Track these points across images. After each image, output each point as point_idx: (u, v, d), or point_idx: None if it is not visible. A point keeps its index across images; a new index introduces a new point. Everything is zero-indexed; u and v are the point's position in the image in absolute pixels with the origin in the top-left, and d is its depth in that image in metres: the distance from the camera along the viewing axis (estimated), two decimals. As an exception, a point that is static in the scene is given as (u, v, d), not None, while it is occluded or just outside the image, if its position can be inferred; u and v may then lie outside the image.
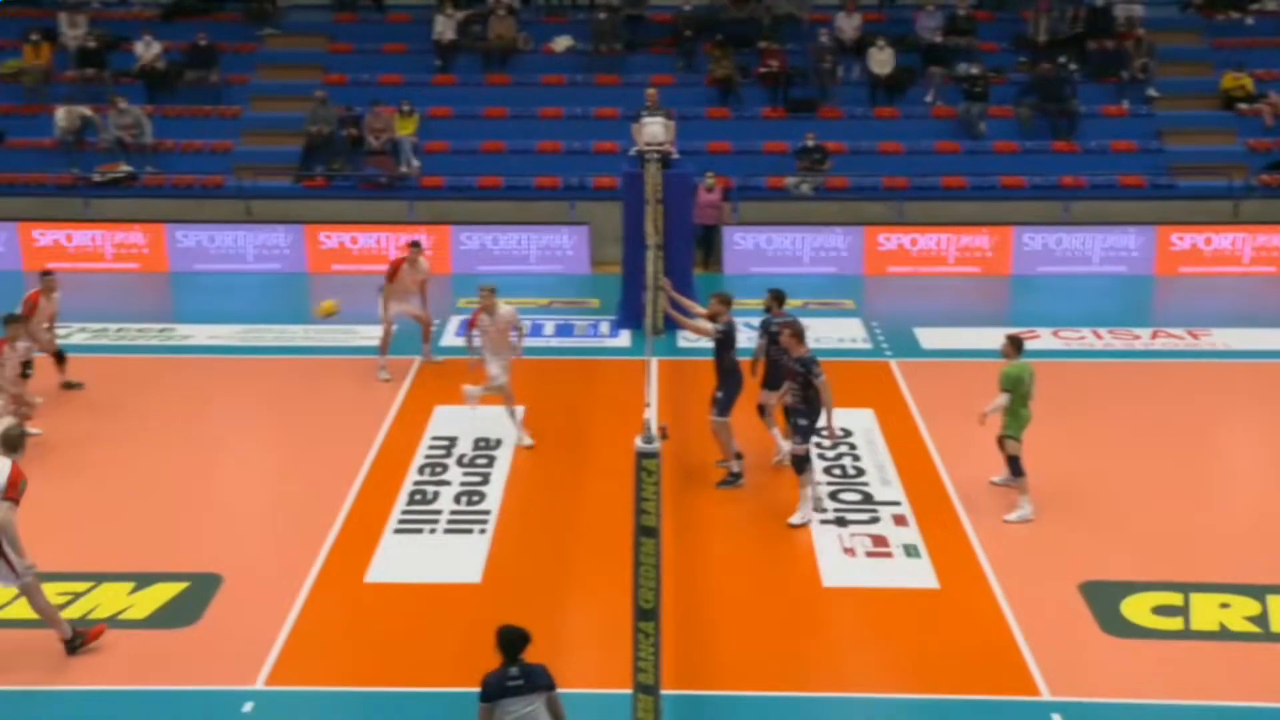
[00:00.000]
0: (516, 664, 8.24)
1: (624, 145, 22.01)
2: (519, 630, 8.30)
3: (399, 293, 17.42)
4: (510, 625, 8.33)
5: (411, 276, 17.49)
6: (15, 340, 14.93)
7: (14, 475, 10.44)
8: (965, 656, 10.83)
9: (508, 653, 8.25)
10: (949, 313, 21.13)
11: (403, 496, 13.75)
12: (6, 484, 10.36)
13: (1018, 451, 13.25)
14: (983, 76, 25.65)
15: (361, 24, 28.64)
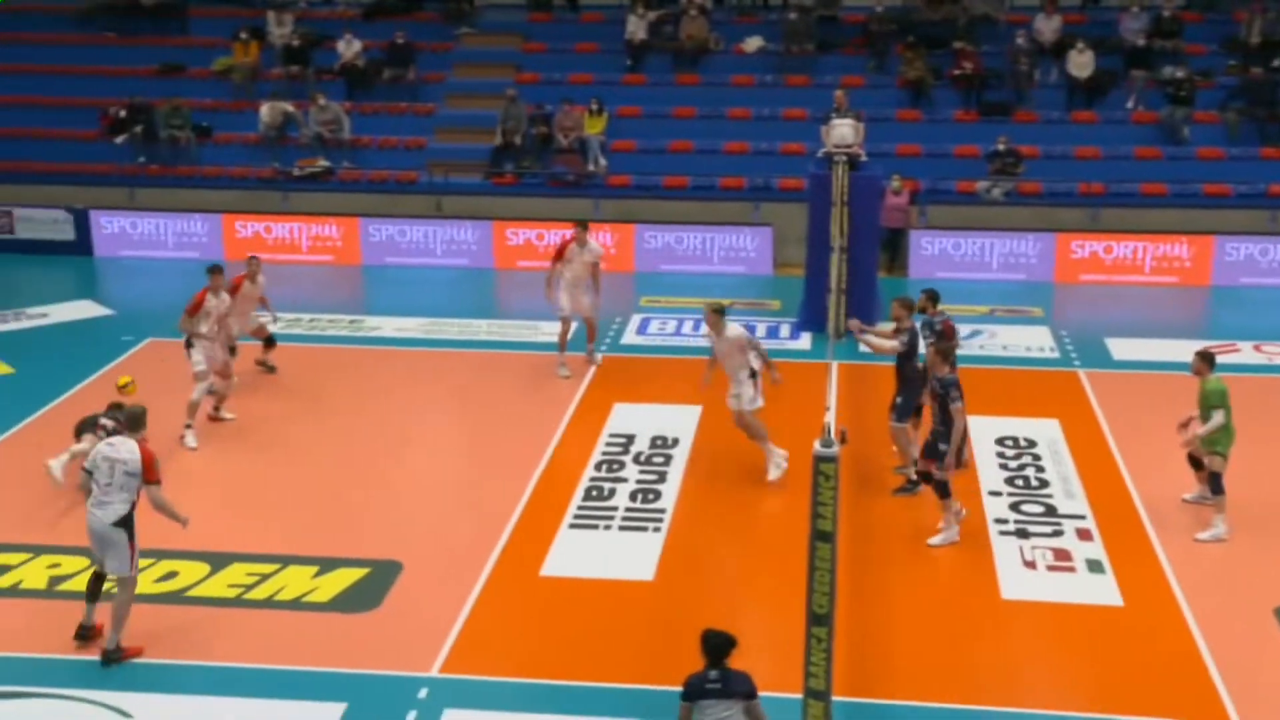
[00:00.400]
0: (718, 668, 8.26)
1: (811, 147, 21.87)
2: (723, 635, 8.33)
3: (571, 281, 17.28)
4: (715, 630, 8.36)
5: (580, 259, 17.30)
6: (218, 290, 15.49)
7: (147, 458, 10.69)
8: (1149, 678, 10.47)
9: (711, 657, 8.29)
10: (1143, 323, 20.42)
11: (579, 492, 13.88)
12: (144, 469, 10.62)
13: (1222, 469, 12.73)
14: (1188, 80, 24.74)
15: (555, 23, 29.00)
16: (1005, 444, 15.12)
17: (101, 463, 10.71)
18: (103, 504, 10.60)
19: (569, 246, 17.36)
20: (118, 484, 10.59)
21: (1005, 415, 15.89)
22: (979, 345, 18.88)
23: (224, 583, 11.93)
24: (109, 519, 10.56)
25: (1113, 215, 23.32)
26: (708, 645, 8.30)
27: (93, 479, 10.82)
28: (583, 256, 17.32)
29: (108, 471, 10.63)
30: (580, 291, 17.40)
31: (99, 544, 10.69)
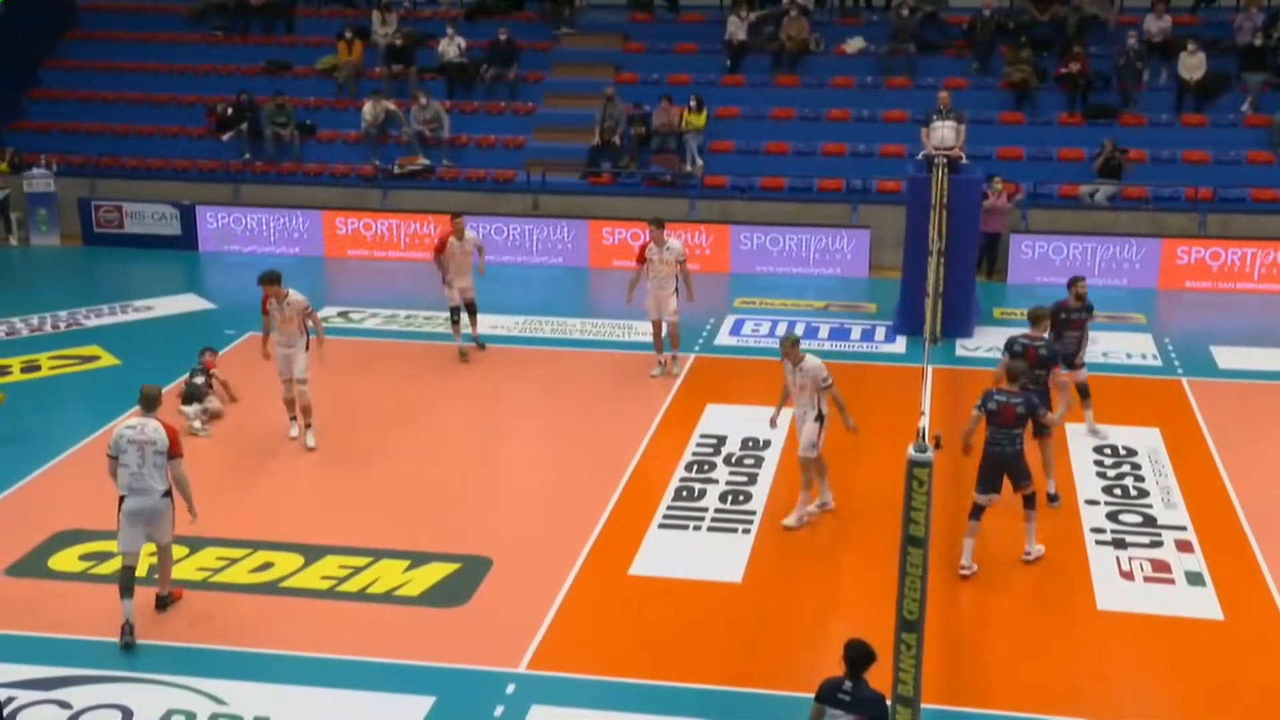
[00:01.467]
0: (854, 679, 8.25)
1: (911, 149, 21.65)
2: (864, 647, 8.29)
3: (656, 284, 17.13)
4: (859, 640, 8.32)
5: (661, 259, 17.09)
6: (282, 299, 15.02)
7: (172, 434, 11.04)
8: (1252, 694, 10.22)
9: (849, 667, 8.29)
10: (1251, 332, 19.93)
11: (669, 492, 13.87)
12: (170, 444, 10.96)
13: None
14: None
15: (655, 24, 29.02)
16: (1104, 452, 14.85)
17: (128, 446, 10.92)
18: (145, 488, 10.92)
19: (647, 247, 17.24)
20: (150, 464, 10.91)
21: (1104, 423, 15.59)
22: (1079, 351, 18.55)
23: (318, 574, 12.09)
24: (158, 492, 10.97)
25: (1220, 221, 22.81)
26: (848, 654, 8.29)
27: (119, 463, 10.98)
28: (663, 256, 17.11)
29: (137, 456, 10.89)
30: (666, 294, 17.18)
31: (148, 521, 10.99)
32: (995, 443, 12.04)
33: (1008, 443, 12.00)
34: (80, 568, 12.26)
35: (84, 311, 20.56)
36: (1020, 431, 12.06)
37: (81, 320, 20.16)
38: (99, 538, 12.64)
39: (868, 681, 8.24)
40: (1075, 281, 14.96)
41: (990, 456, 12.11)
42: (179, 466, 11.06)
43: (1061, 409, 13.58)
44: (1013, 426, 11.98)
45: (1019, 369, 12.46)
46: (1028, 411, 12.02)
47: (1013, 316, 20.35)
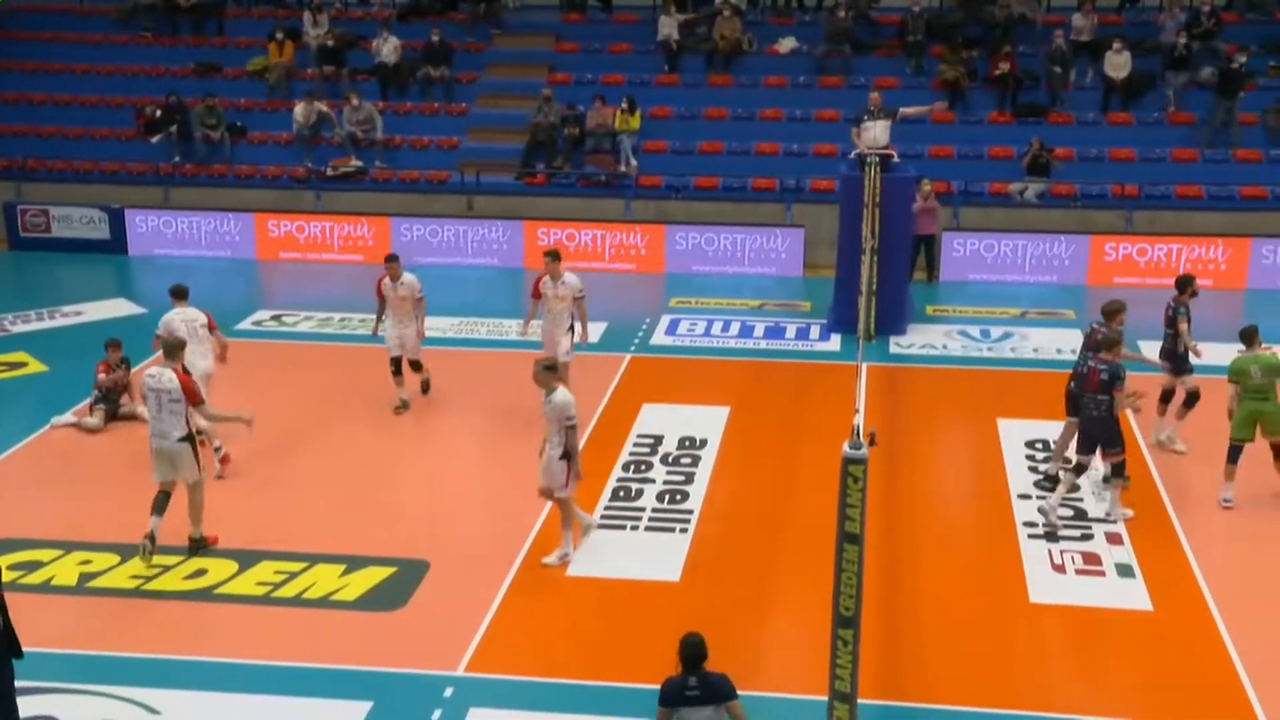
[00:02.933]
0: (697, 674, 8.24)
1: (843, 148, 21.80)
2: (698, 642, 8.28)
3: (550, 320, 15.78)
4: (693, 635, 8.32)
5: (555, 294, 15.69)
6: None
7: (185, 384, 12.10)
8: (1179, 684, 10.38)
9: (687, 663, 8.27)
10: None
11: (606, 492, 13.88)
12: (187, 395, 12.04)
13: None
14: (1240, 71, 24.18)
15: (588, 24, 29.04)
16: (1035, 447, 15.03)
17: (149, 394, 12.15)
18: (162, 432, 12.09)
19: (542, 281, 15.71)
20: (167, 410, 12.04)
21: (1035, 418, 15.80)
22: (1010, 348, 18.80)
23: (253, 580, 11.98)
24: (174, 437, 12.05)
25: (1147, 218, 23.16)
26: (685, 652, 8.27)
27: (145, 405, 12.35)
28: (557, 291, 15.59)
29: (156, 403, 12.08)
30: (559, 332, 15.66)
31: (168, 461, 12.14)
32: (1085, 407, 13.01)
33: (1094, 408, 12.85)
34: (9, 577, 12.04)
35: (10, 318, 20.24)
36: (1105, 399, 12.76)
37: (8, 326, 19.84)
38: (30, 546, 12.47)
39: (708, 670, 8.25)
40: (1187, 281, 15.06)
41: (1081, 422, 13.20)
42: (204, 411, 12.37)
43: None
44: (1097, 393, 12.78)
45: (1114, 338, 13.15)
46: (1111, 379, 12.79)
47: (945, 314, 20.58)
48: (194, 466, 12.21)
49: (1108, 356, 12.95)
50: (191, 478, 12.25)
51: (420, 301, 16.10)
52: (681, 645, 8.31)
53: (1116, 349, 13.04)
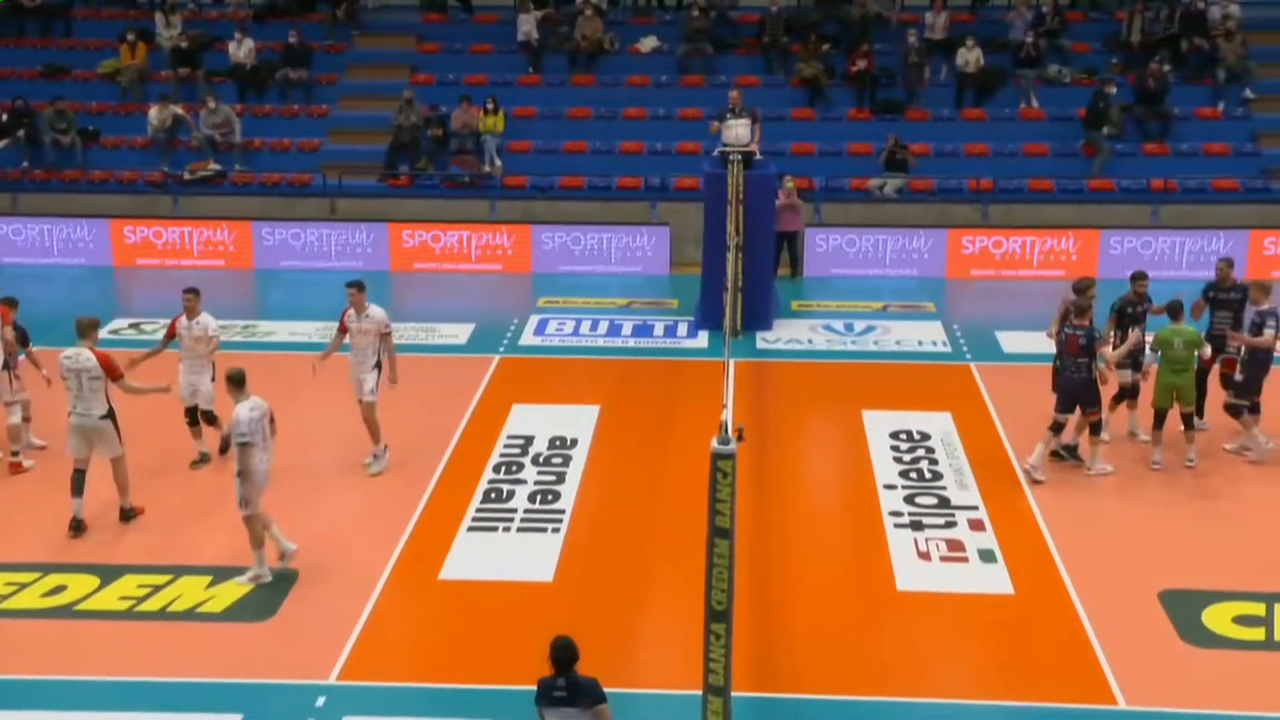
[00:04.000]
0: (566, 675, 8.27)
1: (707, 146, 21.98)
2: (566, 645, 8.33)
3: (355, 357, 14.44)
4: (561, 638, 8.36)
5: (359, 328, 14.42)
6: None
7: (103, 360, 12.68)
8: (1040, 664, 10.68)
9: (556, 665, 8.31)
10: (1032, 317, 20.77)
11: (478, 495, 13.83)
12: (106, 370, 12.65)
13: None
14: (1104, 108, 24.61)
15: (449, 24, 28.87)
16: (900, 438, 15.33)
17: (68, 374, 12.62)
18: (84, 410, 12.67)
19: (347, 314, 14.48)
20: (88, 389, 12.63)
21: (899, 409, 16.13)
22: (873, 341, 19.14)
23: (115, 595, 11.70)
24: (96, 415, 12.68)
25: (1002, 211, 23.76)
26: (553, 655, 8.32)
27: (66, 386, 12.70)
28: (361, 325, 14.34)
29: (76, 381, 12.61)
30: (363, 370, 14.40)
31: (89, 437, 12.71)
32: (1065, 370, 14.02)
33: (1074, 370, 13.80)
34: None
35: None
36: (1085, 360, 13.75)
37: None
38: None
39: (577, 672, 8.31)
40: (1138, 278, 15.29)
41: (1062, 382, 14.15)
42: (124, 385, 12.92)
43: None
44: (1077, 356, 13.75)
45: (1084, 305, 14.07)
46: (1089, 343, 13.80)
47: (810, 309, 20.88)
48: (116, 442, 12.84)
49: (1081, 322, 13.82)
50: (114, 453, 12.86)
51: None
52: (551, 648, 8.33)
53: (1087, 314, 13.90)
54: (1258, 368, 14.44)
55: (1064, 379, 14.15)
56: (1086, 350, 13.82)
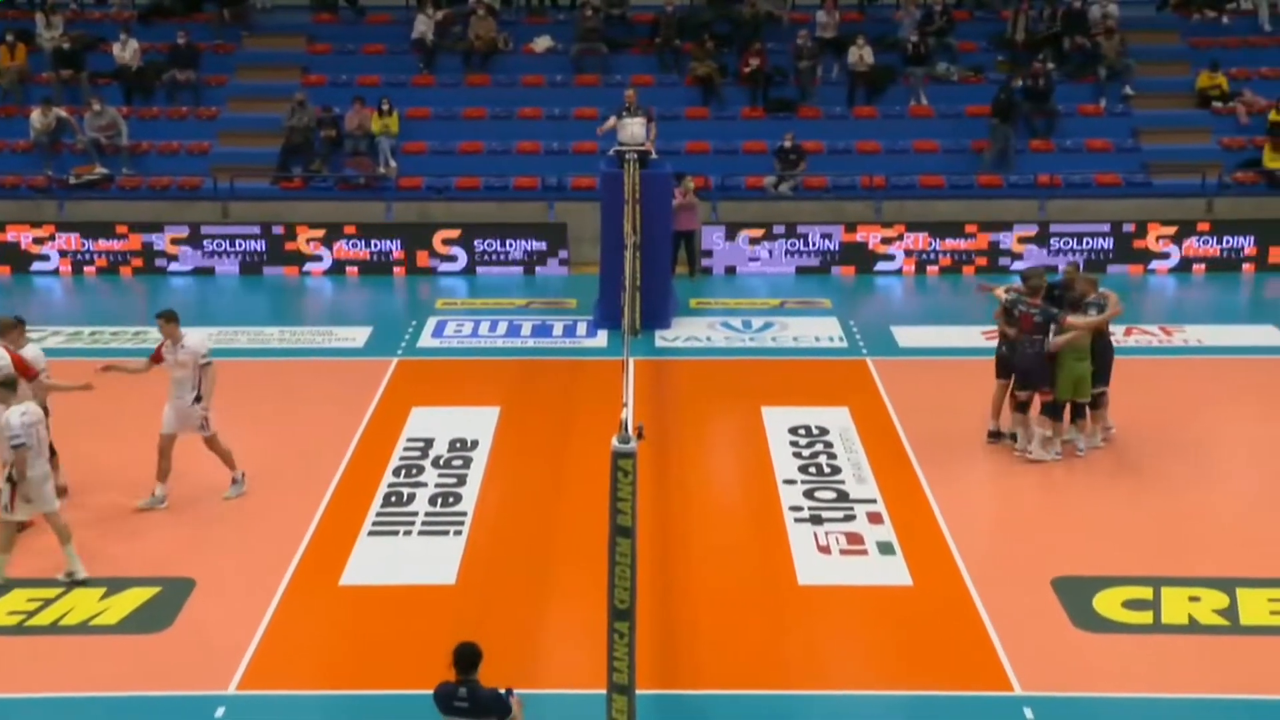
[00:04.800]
0: (468, 685, 8.18)
1: (603, 146, 22.02)
2: (468, 647, 8.26)
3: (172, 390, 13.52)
4: (465, 642, 8.30)
5: (175, 359, 13.46)
6: None
7: (15, 360, 12.51)
8: (938, 652, 10.86)
9: (459, 670, 8.22)
10: (925, 311, 21.20)
11: (378, 499, 13.72)
12: (18, 370, 12.40)
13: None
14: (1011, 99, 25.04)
15: (341, 24, 28.60)
16: (798, 433, 15.48)
17: None
18: None
19: (163, 346, 13.53)
20: None
21: (798, 405, 16.30)
22: (771, 338, 19.32)
23: (3, 610, 11.42)
24: None
25: (894, 207, 24.10)
26: (456, 658, 8.21)
27: None
28: (178, 356, 13.39)
29: None
30: (184, 404, 13.48)
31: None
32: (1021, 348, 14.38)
33: (1030, 347, 14.26)
34: None
35: None
36: (1040, 338, 14.15)
37: None
38: None
39: (479, 681, 8.23)
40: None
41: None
42: (43, 383, 12.85)
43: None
44: (1032, 333, 14.21)
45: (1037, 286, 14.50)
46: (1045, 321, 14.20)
47: (708, 306, 21.01)
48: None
49: (1036, 301, 14.20)
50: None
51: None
52: (455, 654, 8.24)
53: (1038, 294, 14.34)
54: (1102, 357, 14.71)
55: (1021, 357, 14.39)
56: (1041, 328, 14.16)
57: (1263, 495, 14.15)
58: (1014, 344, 14.59)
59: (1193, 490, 14.04)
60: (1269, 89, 25.96)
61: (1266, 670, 10.51)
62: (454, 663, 8.23)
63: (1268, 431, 15.77)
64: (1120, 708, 10.07)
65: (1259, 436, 15.69)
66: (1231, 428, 16.04)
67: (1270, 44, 27.64)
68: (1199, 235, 23.09)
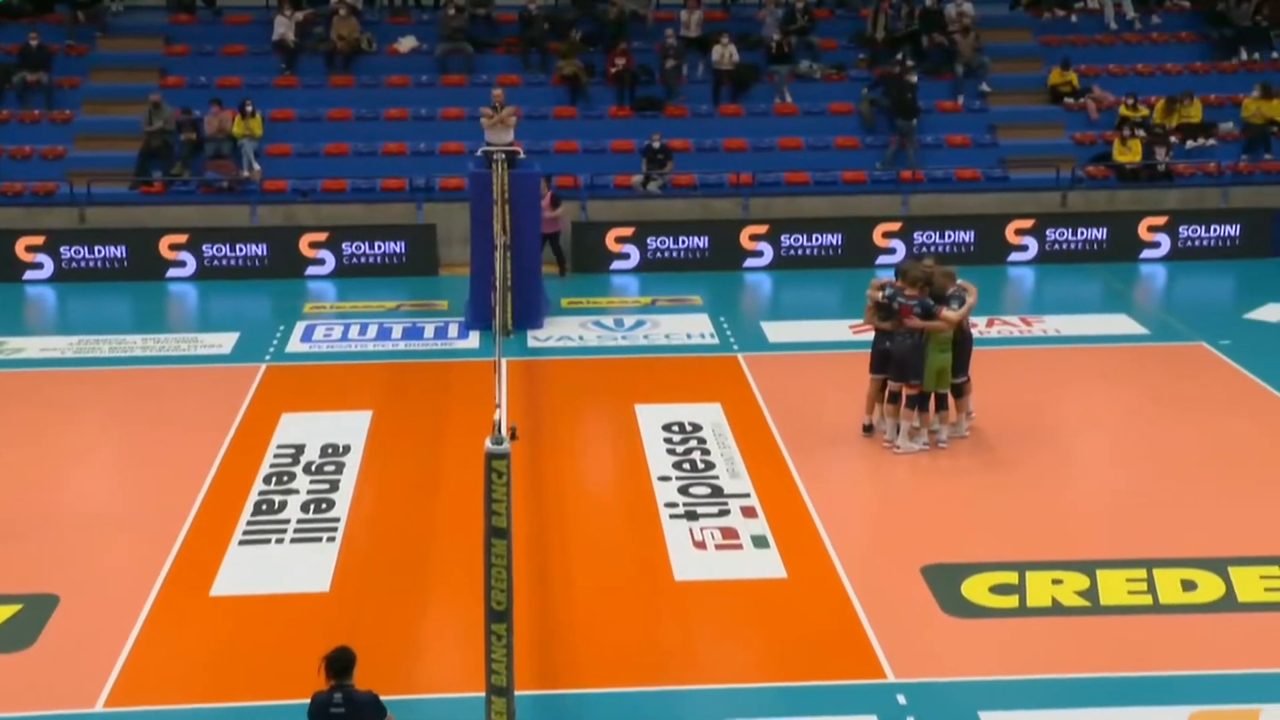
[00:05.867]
0: (343, 690, 8.11)
1: (471, 146, 21.91)
2: (340, 652, 8.20)
3: None
4: (339, 647, 8.22)
5: None
6: None
7: None
8: (813, 643, 11.03)
9: (333, 675, 8.15)
10: (794, 306, 21.49)
11: (248, 507, 13.50)
12: None
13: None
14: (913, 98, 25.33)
15: (199, 25, 28.03)
16: (672, 430, 15.58)
17: None
18: None
19: None
20: None
21: (671, 402, 16.40)
22: (643, 336, 19.41)
23: None
24: None
25: (762, 204, 24.35)
26: (328, 663, 8.14)
27: None
28: None
29: None
30: None
31: None
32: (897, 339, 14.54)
33: (906, 338, 14.44)
34: None
35: None
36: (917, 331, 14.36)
37: None
38: None
39: (354, 685, 8.18)
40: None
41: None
42: None
43: None
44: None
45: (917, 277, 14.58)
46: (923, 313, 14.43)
47: (580, 305, 21.04)
48: None
49: (914, 292, 14.36)
50: None
51: None
52: (327, 661, 8.15)
53: (920, 287, 14.47)
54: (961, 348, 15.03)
55: (897, 348, 14.55)
56: (920, 319, 14.34)
57: (1120, 478, 14.65)
58: (890, 335, 14.81)
59: (1054, 476, 14.46)
60: (1116, 85, 26.82)
61: (1125, 648, 10.88)
62: (326, 668, 8.14)
63: (1124, 417, 16.32)
64: (989, 690, 10.33)
65: (1116, 422, 16.23)
66: (1090, 414, 16.56)
67: (1116, 42, 28.55)
68: (1055, 228, 23.72)
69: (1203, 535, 12.77)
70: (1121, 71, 27.49)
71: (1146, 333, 19.41)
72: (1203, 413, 16.09)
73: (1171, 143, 25.34)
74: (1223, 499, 13.66)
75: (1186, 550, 12.43)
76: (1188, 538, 12.73)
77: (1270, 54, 28.01)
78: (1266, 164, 25.41)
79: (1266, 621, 11.28)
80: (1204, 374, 17.58)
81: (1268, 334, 19.32)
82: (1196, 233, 23.84)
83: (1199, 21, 29.12)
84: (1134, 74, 27.37)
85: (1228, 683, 10.35)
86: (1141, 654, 10.78)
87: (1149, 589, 11.78)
